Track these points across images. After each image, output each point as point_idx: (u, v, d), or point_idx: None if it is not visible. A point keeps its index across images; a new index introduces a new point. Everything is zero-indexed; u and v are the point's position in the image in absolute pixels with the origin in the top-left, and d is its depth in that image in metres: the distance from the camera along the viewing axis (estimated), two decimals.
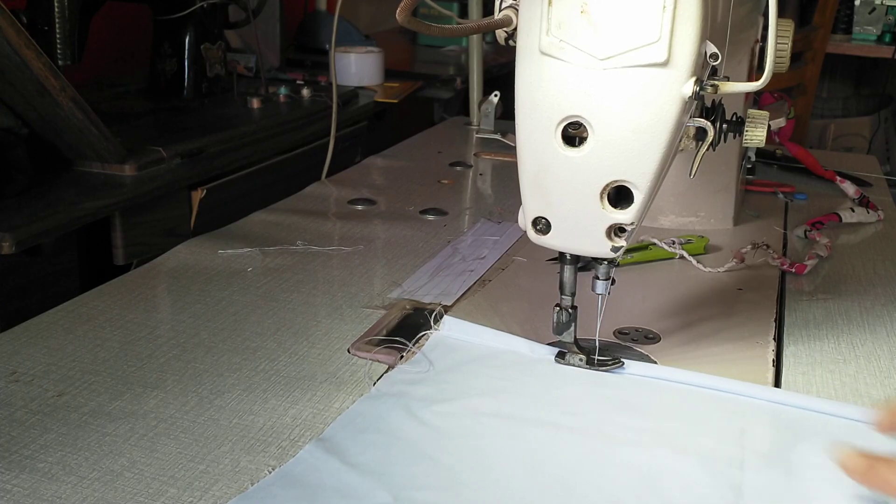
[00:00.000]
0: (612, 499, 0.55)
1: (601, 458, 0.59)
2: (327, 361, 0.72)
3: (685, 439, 0.61)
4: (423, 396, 0.65)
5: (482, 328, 0.75)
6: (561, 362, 0.70)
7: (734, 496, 0.55)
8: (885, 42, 3.05)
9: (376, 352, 0.73)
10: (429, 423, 0.62)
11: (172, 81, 1.57)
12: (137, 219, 1.16)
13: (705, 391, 0.67)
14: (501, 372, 0.69)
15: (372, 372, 0.70)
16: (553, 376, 0.69)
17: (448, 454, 0.58)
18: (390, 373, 0.69)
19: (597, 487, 0.56)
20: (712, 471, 0.57)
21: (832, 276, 0.93)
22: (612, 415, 0.64)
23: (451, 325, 0.75)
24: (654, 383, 0.68)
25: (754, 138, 0.70)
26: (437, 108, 2.01)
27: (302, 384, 0.68)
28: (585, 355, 0.70)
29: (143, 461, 0.57)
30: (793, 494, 0.55)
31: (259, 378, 0.69)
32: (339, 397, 0.66)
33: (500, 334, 0.73)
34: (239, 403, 0.65)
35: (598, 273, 0.67)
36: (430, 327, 0.75)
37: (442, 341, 0.74)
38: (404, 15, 0.55)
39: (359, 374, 0.70)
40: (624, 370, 0.69)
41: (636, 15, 0.56)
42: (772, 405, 0.65)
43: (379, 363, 0.71)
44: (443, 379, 0.68)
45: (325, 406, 0.65)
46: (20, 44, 1.01)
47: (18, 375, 0.67)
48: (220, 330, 0.76)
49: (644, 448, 0.60)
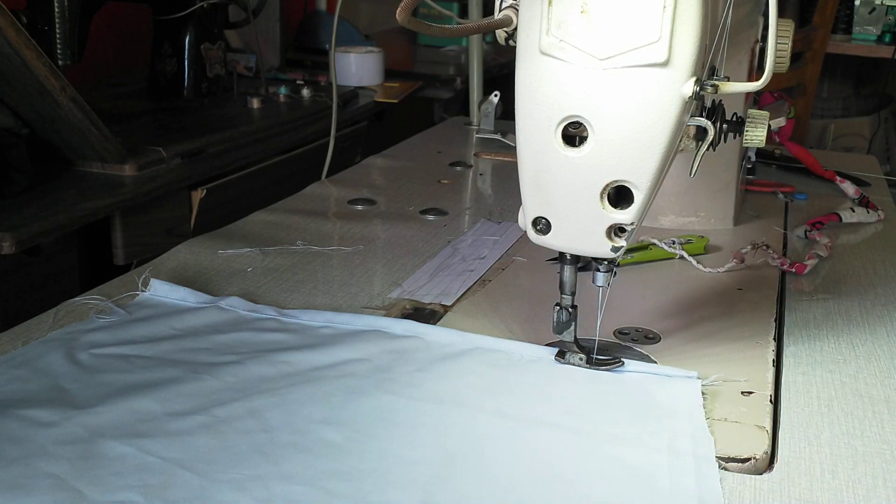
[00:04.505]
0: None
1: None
2: None
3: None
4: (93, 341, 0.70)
5: (186, 290, 0.80)
6: (561, 362, 0.70)
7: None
8: (885, 42, 3.05)
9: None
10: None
11: (172, 81, 1.57)
12: (137, 219, 1.16)
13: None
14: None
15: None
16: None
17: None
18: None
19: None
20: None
21: (832, 276, 0.93)
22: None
23: (157, 286, 0.80)
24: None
25: (754, 138, 0.70)
26: (437, 108, 2.01)
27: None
28: (585, 354, 0.70)
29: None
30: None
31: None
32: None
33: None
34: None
35: (598, 266, 0.67)
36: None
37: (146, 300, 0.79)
38: (404, 15, 0.55)
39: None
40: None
41: (636, 15, 0.56)
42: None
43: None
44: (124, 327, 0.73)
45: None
46: (20, 44, 1.01)
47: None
48: None
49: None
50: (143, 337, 0.72)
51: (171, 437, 0.58)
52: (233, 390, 0.64)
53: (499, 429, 0.62)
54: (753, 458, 0.59)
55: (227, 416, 0.61)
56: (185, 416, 0.61)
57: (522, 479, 0.56)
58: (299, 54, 2.04)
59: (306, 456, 0.57)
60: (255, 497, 0.53)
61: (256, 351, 0.70)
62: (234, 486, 0.53)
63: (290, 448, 0.58)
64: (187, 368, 0.67)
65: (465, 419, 0.63)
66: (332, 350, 0.71)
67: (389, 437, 0.60)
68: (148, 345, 0.71)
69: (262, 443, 0.58)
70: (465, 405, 0.64)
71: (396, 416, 0.63)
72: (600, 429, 0.62)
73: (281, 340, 0.73)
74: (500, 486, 0.56)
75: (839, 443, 0.62)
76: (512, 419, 0.63)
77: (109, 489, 0.52)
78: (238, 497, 0.53)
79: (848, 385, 0.70)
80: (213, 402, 0.63)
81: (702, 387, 0.67)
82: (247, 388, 0.65)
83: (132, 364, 0.68)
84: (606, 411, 0.64)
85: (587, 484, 0.56)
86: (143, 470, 0.54)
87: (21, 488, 0.52)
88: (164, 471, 0.54)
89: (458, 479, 0.56)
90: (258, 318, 0.77)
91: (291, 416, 0.61)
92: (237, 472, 0.55)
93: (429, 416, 0.63)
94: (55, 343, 0.70)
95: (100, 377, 0.65)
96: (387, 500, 0.53)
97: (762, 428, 0.62)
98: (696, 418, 0.63)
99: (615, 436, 0.61)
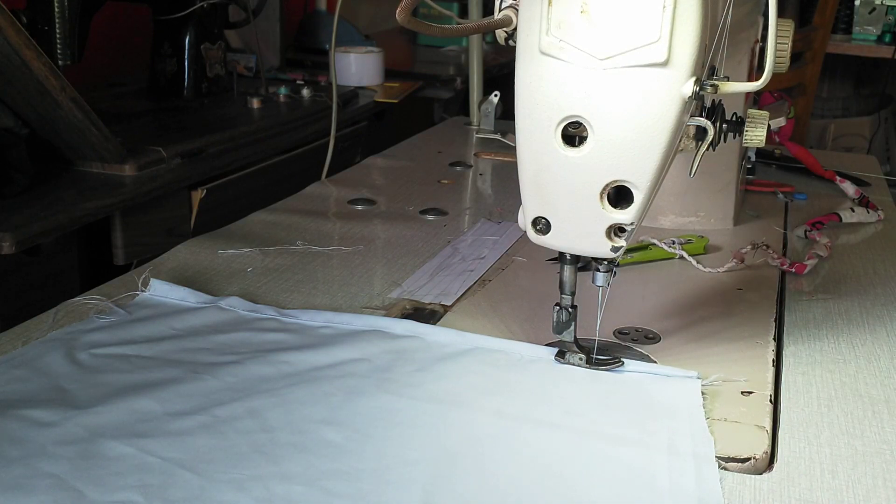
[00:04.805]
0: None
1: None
2: None
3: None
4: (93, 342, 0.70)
5: (186, 290, 0.80)
6: (561, 361, 0.70)
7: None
8: (885, 42, 3.05)
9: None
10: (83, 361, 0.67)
11: (172, 81, 1.57)
12: (137, 219, 1.16)
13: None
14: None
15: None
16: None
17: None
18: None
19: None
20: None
21: (832, 276, 0.93)
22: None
23: (157, 286, 0.80)
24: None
25: (754, 138, 0.70)
26: (437, 108, 2.01)
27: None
28: (585, 354, 0.70)
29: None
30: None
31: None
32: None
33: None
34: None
35: (598, 266, 0.67)
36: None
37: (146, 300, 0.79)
38: (404, 15, 0.55)
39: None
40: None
41: (636, 15, 0.56)
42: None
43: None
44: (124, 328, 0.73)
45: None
46: (20, 44, 1.01)
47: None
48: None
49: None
50: (143, 337, 0.72)
51: (171, 437, 0.58)
52: (233, 390, 0.64)
53: (498, 429, 0.62)
54: (753, 458, 0.59)
55: (227, 416, 0.61)
56: (185, 416, 0.61)
57: (522, 479, 0.56)
58: (299, 54, 2.04)
59: (306, 456, 0.57)
60: (255, 497, 0.53)
61: (256, 351, 0.70)
62: (234, 486, 0.53)
63: (289, 448, 0.58)
64: (187, 368, 0.67)
65: (465, 419, 0.63)
66: (332, 350, 0.71)
67: (389, 437, 0.60)
68: (148, 345, 0.71)
69: (262, 443, 0.58)
70: (464, 405, 0.64)
71: (396, 416, 0.63)
72: (600, 429, 0.62)
73: (281, 340, 0.73)
74: (499, 486, 0.56)
75: (839, 443, 0.62)
76: (512, 419, 0.63)
77: (109, 489, 0.52)
78: (238, 497, 0.53)
79: (848, 385, 0.70)
80: (213, 402, 0.63)
81: (702, 387, 0.67)
82: (247, 388, 0.65)
83: (132, 364, 0.68)
84: (606, 411, 0.64)
85: (587, 484, 0.56)
86: (143, 470, 0.54)
87: (21, 488, 0.52)
88: (164, 471, 0.54)
89: (458, 479, 0.56)
90: (258, 318, 0.77)
91: (291, 416, 0.61)
92: (237, 472, 0.55)
93: (429, 416, 0.63)
94: (55, 343, 0.70)
95: (100, 377, 0.65)
96: (386, 500, 0.53)
97: (762, 428, 0.62)
98: (696, 418, 0.63)
99: (615, 436, 0.61)
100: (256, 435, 0.59)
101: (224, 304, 0.78)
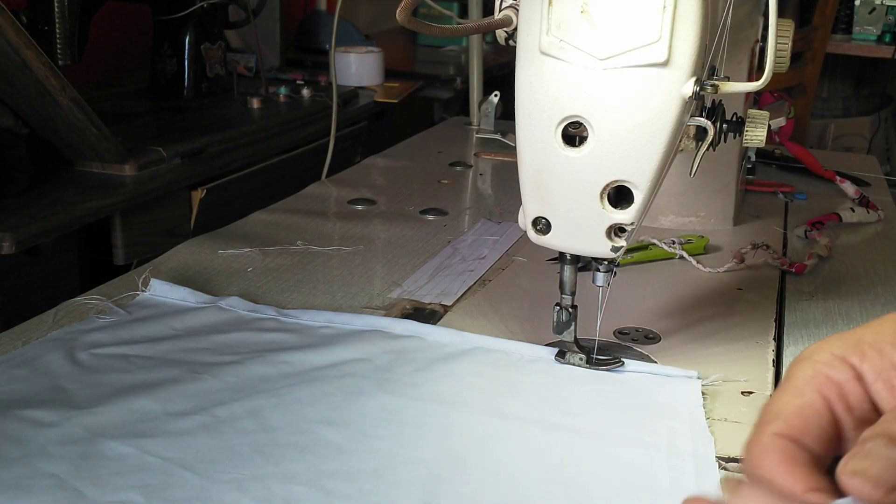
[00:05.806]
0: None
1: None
2: None
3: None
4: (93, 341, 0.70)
5: (186, 290, 0.80)
6: (561, 361, 0.70)
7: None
8: (885, 42, 3.06)
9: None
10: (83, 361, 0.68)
11: (172, 81, 1.57)
12: (137, 219, 1.16)
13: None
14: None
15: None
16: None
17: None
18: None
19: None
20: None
21: (832, 276, 0.93)
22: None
23: (157, 286, 0.80)
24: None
25: (754, 138, 0.70)
26: (437, 108, 2.01)
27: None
28: (585, 354, 0.70)
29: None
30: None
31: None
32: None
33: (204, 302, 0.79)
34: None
35: (598, 266, 0.67)
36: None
37: (146, 300, 0.79)
38: (404, 15, 0.55)
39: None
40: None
41: (636, 15, 0.56)
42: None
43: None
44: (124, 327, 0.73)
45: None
46: (20, 44, 1.01)
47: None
48: None
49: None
50: (143, 337, 0.72)
51: (171, 437, 0.58)
52: (233, 390, 0.64)
53: (499, 429, 0.62)
54: None
55: (227, 416, 0.61)
56: (185, 416, 0.61)
57: (522, 478, 0.56)
58: (299, 54, 2.04)
59: (306, 456, 0.57)
60: (255, 497, 0.53)
61: (256, 351, 0.70)
62: (234, 486, 0.53)
63: (290, 448, 0.58)
64: (187, 368, 0.67)
65: (465, 419, 0.63)
66: (332, 350, 0.71)
67: (389, 437, 0.60)
68: (148, 345, 0.71)
69: (262, 443, 0.58)
70: (465, 405, 0.64)
71: (396, 416, 0.63)
72: (600, 429, 0.62)
73: (281, 340, 0.73)
74: (500, 486, 0.56)
75: None
76: (512, 419, 0.63)
77: (109, 489, 0.52)
78: (238, 497, 0.53)
79: None
80: (213, 402, 0.63)
81: (702, 387, 0.67)
82: (247, 388, 0.65)
83: (132, 364, 0.68)
84: (606, 411, 0.64)
85: (587, 484, 0.56)
86: (143, 470, 0.54)
87: (21, 488, 0.52)
88: (164, 471, 0.54)
89: (459, 479, 0.56)
90: (258, 318, 0.77)
91: (291, 416, 0.61)
92: (237, 472, 0.55)
93: (429, 416, 0.63)
94: (55, 343, 0.70)
95: (100, 377, 0.65)
96: (387, 500, 0.53)
97: None
98: (696, 418, 0.63)
99: (615, 436, 0.61)
100: (256, 435, 0.59)
101: (224, 304, 0.78)
